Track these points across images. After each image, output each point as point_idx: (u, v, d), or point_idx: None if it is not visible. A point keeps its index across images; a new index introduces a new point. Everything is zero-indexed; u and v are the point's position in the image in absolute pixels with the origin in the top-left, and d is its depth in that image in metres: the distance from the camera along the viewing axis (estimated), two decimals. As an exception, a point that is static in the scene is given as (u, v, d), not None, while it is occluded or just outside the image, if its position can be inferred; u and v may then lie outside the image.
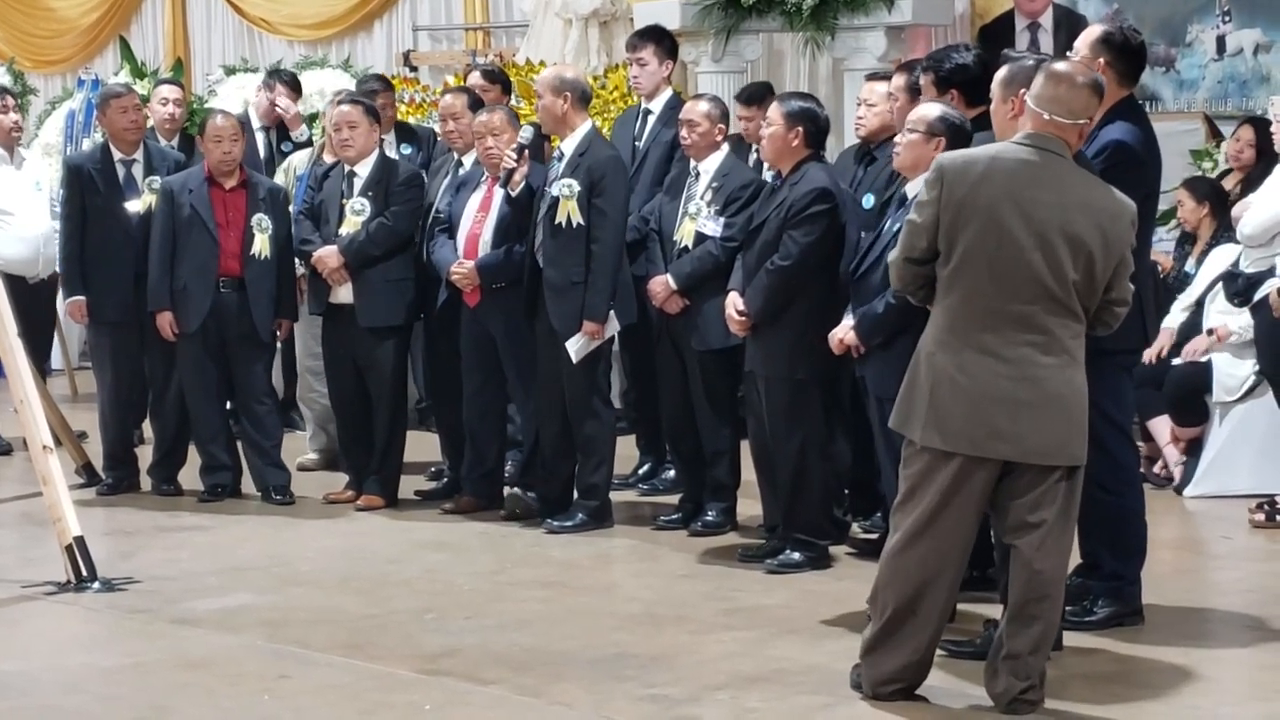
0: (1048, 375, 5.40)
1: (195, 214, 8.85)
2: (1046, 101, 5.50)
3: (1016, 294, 5.38)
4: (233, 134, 8.96)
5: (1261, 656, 6.27)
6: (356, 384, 8.81)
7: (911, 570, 5.50)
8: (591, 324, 8.04)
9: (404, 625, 6.73)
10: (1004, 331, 5.39)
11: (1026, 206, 5.38)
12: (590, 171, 8.07)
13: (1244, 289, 8.39)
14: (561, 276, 8.07)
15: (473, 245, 8.48)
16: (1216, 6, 11.24)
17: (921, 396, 5.45)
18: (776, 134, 7.41)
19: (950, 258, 5.42)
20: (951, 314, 5.44)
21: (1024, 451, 5.40)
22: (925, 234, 5.46)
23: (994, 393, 5.37)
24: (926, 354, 5.48)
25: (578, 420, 8.17)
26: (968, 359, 5.40)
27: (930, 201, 5.45)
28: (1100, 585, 6.48)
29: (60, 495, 7.38)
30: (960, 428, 5.38)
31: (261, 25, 16.09)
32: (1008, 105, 6.06)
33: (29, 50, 17.06)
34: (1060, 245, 5.38)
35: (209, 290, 8.84)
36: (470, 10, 14.91)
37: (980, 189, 5.39)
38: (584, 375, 8.12)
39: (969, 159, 5.51)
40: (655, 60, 9.26)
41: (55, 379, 12.09)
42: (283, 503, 8.92)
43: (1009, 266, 5.37)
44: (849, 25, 11.23)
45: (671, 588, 7.27)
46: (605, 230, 8.07)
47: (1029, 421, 5.38)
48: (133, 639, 6.66)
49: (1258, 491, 8.49)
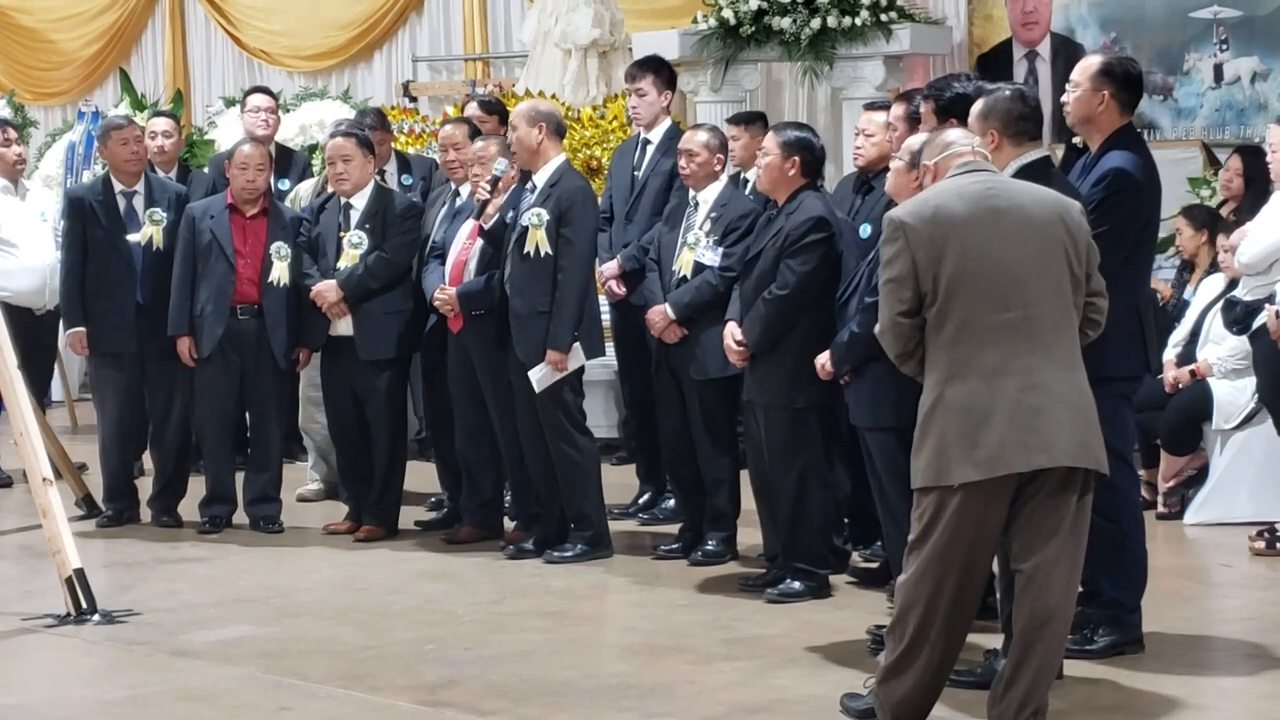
0: (1054, 381, 5.40)
1: (214, 240, 8.90)
2: (942, 148, 5.70)
3: (1006, 304, 5.39)
4: (259, 163, 9.01)
5: (1263, 685, 6.25)
6: (356, 415, 8.82)
7: (929, 599, 5.47)
8: (554, 353, 8.04)
9: (404, 656, 6.73)
10: (1003, 345, 5.39)
11: (990, 218, 5.43)
12: (560, 201, 8.09)
13: (1242, 317, 8.39)
14: (527, 306, 8.08)
15: (458, 272, 8.51)
16: (1214, 35, 11.27)
17: (944, 440, 5.40)
18: (773, 163, 7.42)
19: (937, 294, 5.43)
20: (949, 348, 5.43)
21: (1054, 456, 5.36)
22: (908, 284, 5.44)
23: (1011, 407, 5.36)
24: (934, 399, 5.44)
25: (555, 452, 8.16)
26: (976, 385, 5.38)
27: (899, 253, 5.45)
28: (1101, 613, 6.47)
29: (60, 527, 7.37)
30: (993, 453, 5.34)
31: (261, 57, 16.13)
32: (986, 138, 6.10)
33: (29, 82, 17.11)
34: (1033, 245, 5.43)
35: (224, 316, 8.87)
36: (469, 41, 14.97)
37: (942, 219, 5.43)
38: (554, 404, 8.11)
39: (918, 201, 5.55)
40: (654, 90, 9.28)
41: (55, 410, 12.11)
42: (272, 531, 8.94)
43: (993, 279, 5.39)
44: (847, 55, 11.28)
45: (671, 617, 7.26)
46: (571, 260, 8.08)
47: (1050, 427, 5.37)
48: (133, 671, 6.65)
49: (1258, 519, 8.49)
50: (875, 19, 11.25)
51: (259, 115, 10.71)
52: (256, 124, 10.63)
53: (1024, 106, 6.16)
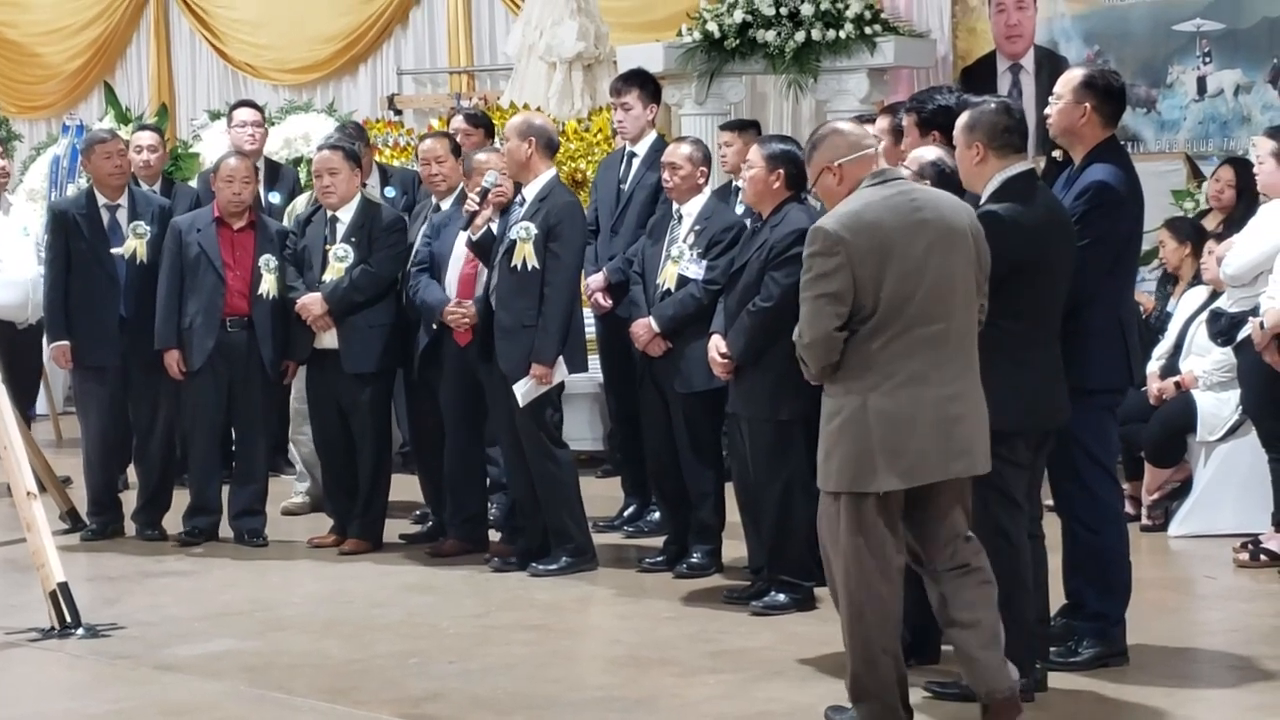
0: (968, 389, 5.57)
1: (202, 253, 8.90)
2: (851, 147, 5.72)
3: (933, 316, 5.48)
4: (244, 176, 9.02)
5: (1247, 697, 6.25)
6: (341, 428, 8.82)
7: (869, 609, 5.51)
8: (539, 367, 8.04)
9: (388, 670, 6.72)
10: (926, 355, 5.48)
11: (920, 231, 5.50)
12: (548, 216, 8.09)
13: (1227, 329, 8.41)
14: (513, 319, 8.07)
15: (467, 285, 8.48)
16: (1197, 48, 11.29)
17: (866, 447, 5.47)
18: (758, 176, 7.43)
19: (876, 309, 5.46)
20: (876, 358, 5.47)
21: (972, 464, 5.57)
22: (847, 299, 5.46)
23: (933, 416, 5.47)
24: (857, 407, 5.49)
25: (534, 466, 8.16)
26: (900, 394, 5.46)
27: (839, 268, 5.46)
28: (1084, 625, 6.47)
29: (44, 541, 7.36)
30: (914, 462, 5.46)
31: (246, 70, 16.13)
32: (972, 151, 6.13)
33: (14, 95, 17.10)
34: (957, 257, 5.54)
35: (214, 329, 8.86)
36: (454, 54, 14.97)
37: (878, 234, 5.47)
38: (533, 420, 8.10)
39: (849, 212, 5.55)
40: (639, 104, 9.28)
41: (39, 424, 12.08)
42: (257, 545, 8.93)
43: (926, 293, 5.46)
44: (831, 68, 11.30)
45: (656, 630, 7.26)
46: (559, 274, 8.08)
47: (968, 436, 5.55)
48: (117, 685, 6.64)
49: (1242, 531, 8.50)
50: (859, 32, 11.27)
51: (245, 130, 10.70)
52: (244, 139, 10.63)
53: (1009, 119, 6.18)
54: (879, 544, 5.50)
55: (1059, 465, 6.36)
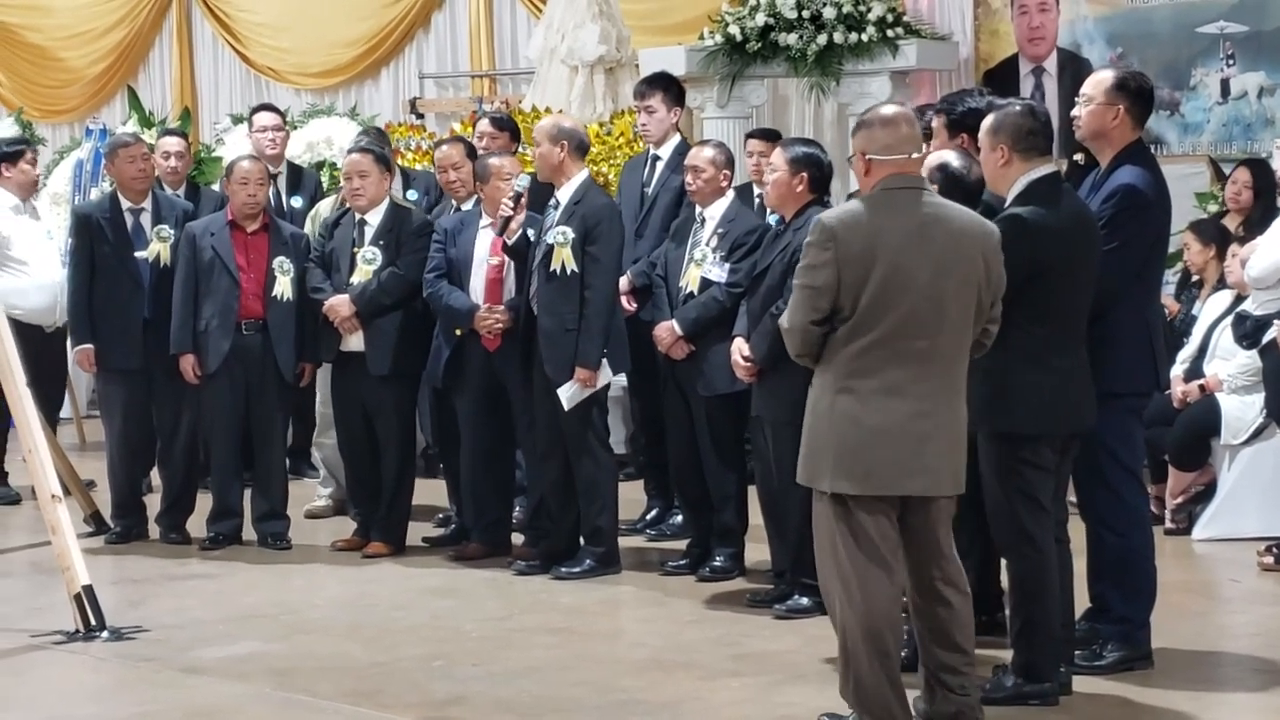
0: (943, 409, 5.50)
1: (216, 256, 8.92)
2: (885, 148, 5.58)
3: (919, 333, 5.45)
4: (259, 178, 9.03)
5: (1271, 700, 6.24)
6: (365, 431, 8.82)
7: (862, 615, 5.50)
8: (584, 371, 8.04)
9: (411, 673, 6.72)
10: (906, 368, 5.45)
11: (922, 245, 5.46)
12: (585, 219, 8.09)
13: (1252, 331, 8.39)
14: (555, 323, 8.08)
15: (494, 290, 8.48)
16: (1220, 50, 11.26)
17: (827, 445, 5.48)
18: (781, 179, 7.42)
19: (854, 312, 5.45)
20: (852, 359, 5.47)
21: (934, 484, 5.49)
22: (827, 294, 5.47)
23: (900, 430, 5.44)
24: (826, 405, 5.50)
25: (577, 466, 8.17)
26: (869, 401, 5.45)
27: (826, 263, 5.46)
28: (1109, 629, 6.46)
29: (69, 544, 7.38)
30: (871, 470, 5.44)
31: (269, 74, 16.17)
32: (996, 153, 6.12)
33: (37, 100, 17.14)
34: (957, 276, 5.48)
35: (229, 332, 8.88)
36: (476, 58, 14.99)
37: (875, 239, 5.45)
38: (580, 421, 8.12)
39: (852, 212, 5.55)
40: (663, 107, 9.29)
41: (64, 427, 12.08)
42: (280, 548, 8.94)
43: (913, 307, 5.43)
44: (854, 71, 11.29)
45: (679, 633, 7.26)
46: (599, 277, 8.08)
47: (932, 455, 5.48)
48: (141, 688, 6.65)
49: (1266, 534, 8.48)
50: (881, 35, 11.26)
51: (266, 134, 10.72)
52: (265, 143, 10.65)
53: (1034, 122, 6.17)
54: (855, 545, 5.45)
55: (1084, 469, 6.35)
